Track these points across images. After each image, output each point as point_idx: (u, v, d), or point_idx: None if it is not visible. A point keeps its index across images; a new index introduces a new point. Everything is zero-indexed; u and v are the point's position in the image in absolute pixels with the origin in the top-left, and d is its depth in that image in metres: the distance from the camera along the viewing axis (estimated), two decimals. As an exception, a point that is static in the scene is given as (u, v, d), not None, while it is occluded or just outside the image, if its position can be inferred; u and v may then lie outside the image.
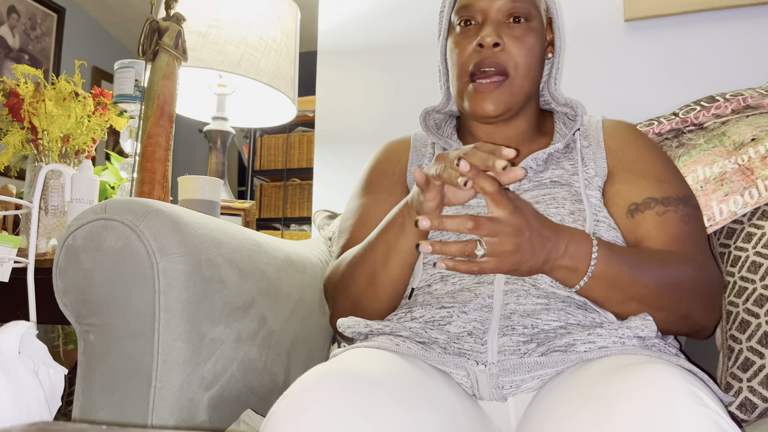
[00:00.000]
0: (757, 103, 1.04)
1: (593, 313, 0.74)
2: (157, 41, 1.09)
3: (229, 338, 0.80)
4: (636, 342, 0.70)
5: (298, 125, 3.35)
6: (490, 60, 0.82)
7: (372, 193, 0.93)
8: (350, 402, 0.53)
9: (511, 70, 0.83)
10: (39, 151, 1.28)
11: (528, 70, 0.84)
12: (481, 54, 0.82)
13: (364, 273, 0.81)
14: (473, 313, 0.74)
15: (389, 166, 0.95)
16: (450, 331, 0.73)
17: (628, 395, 0.51)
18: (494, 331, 0.71)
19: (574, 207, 0.80)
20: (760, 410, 0.75)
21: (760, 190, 0.89)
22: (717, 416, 0.48)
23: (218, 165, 1.52)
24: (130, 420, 0.71)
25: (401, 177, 0.94)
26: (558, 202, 0.80)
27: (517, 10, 0.83)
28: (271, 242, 0.97)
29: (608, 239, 0.79)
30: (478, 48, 0.83)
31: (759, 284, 0.82)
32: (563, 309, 0.73)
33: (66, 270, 0.74)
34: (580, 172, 0.84)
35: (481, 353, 0.71)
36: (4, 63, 3.14)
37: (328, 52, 1.69)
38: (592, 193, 0.83)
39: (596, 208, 0.82)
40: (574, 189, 0.83)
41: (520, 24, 0.84)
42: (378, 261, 0.79)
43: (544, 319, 0.72)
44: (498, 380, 0.69)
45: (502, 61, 0.82)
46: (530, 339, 0.71)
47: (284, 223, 3.32)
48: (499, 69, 0.82)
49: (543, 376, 0.69)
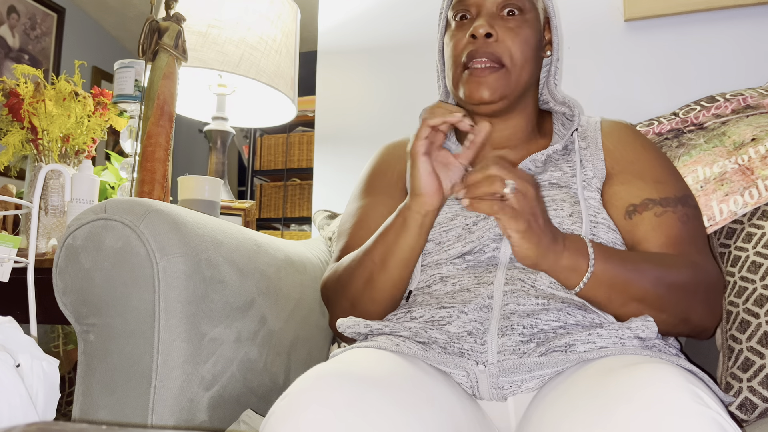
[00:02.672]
0: (757, 103, 1.04)
1: (592, 313, 0.74)
2: (157, 41, 1.09)
3: (229, 338, 0.80)
4: (636, 342, 0.70)
5: (298, 125, 3.35)
6: (483, 50, 0.82)
7: (371, 196, 0.93)
8: (349, 401, 0.52)
9: (507, 60, 0.83)
10: (39, 151, 1.28)
11: (524, 62, 0.84)
12: (474, 44, 0.82)
13: (362, 275, 0.80)
14: (473, 313, 0.73)
15: (388, 168, 0.95)
16: (450, 331, 0.73)
17: (629, 395, 0.50)
18: (494, 331, 0.71)
19: (573, 209, 0.80)
20: (761, 410, 0.75)
21: (760, 190, 0.89)
22: (717, 416, 0.48)
23: (218, 165, 1.52)
24: (130, 420, 0.71)
25: (400, 179, 0.93)
26: (557, 203, 0.80)
27: (511, 3, 0.84)
28: (271, 242, 0.97)
29: (607, 241, 0.79)
30: (471, 39, 0.83)
31: (759, 284, 0.82)
32: (563, 309, 0.73)
33: (66, 270, 0.74)
34: (579, 173, 0.84)
35: (481, 353, 0.70)
36: (4, 63, 3.14)
37: (328, 52, 1.69)
38: (590, 194, 0.83)
39: (595, 209, 0.82)
40: (573, 191, 0.82)
41: (515, 16, 0.84)
42: (376, 263, 0.79)
43: (544, 319, 0.72)
44: (498, 380, 0.69)
45: (496, 51, 0.82)
46: (530, 339, 0.71)
47: (284, 223, 3.32)
48: (492, 58, 0.82)
49: (543, 376, 0.69)
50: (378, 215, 0.89)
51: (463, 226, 0.82)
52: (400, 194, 0.92)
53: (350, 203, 0.96)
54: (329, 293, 0.89)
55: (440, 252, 0.82)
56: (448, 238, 0.82)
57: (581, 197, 0.81)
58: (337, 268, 0.87)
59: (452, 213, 0.84)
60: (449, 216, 0.84)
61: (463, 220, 0.82)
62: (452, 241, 0.81)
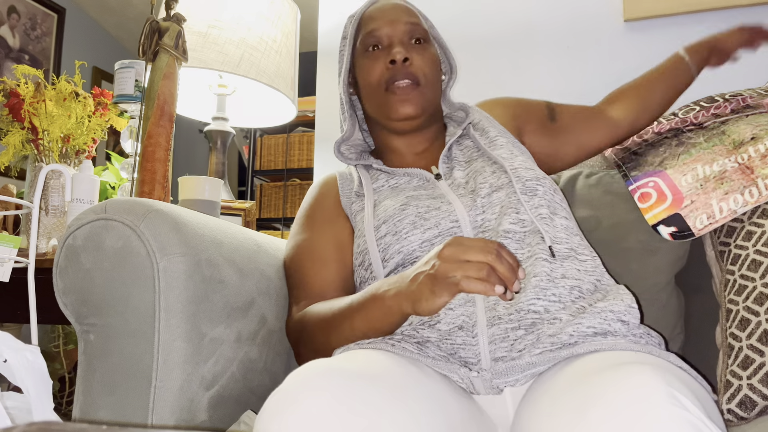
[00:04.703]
0: (757, 102, 1.04)
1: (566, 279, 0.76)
2: (158, 41, 1.09)
3: (230, 338, 0.80)
4: (620, 327, 0.72)
5: (298, 125, 3.35)
6: (403, 72, 0.91)
7: (314, 226, 0.95)
8: (342, 395, 0.53)
9: (422, 80, 0.93)
10: (39, 151, 1.28)
11: (434, 81, 0.96)
12: (393, 69, 0.92)
13: (340, 339, 0.79)
14: (459, 308, 0.75)
15: (324, 199, 0.98)
16: (441, 329, 0.74)
17: (606, 398, 0.51)
18: (482, 323, 0.73)
19: (494, 167, 0.89)
20: (760, 408, 0.75)
21: (761, 188, 0.89)
22: (695, 419, 0.48)
23: (218, 165, 1.52)
24: (130, 420, 0.71)
25: (336, 205, 0.97)
26: (485, 170, 0.89)
27: (416, 33, 0.95)
28: (271, 242, 0.97)
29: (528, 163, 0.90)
30: (389, 65, 0.92)
31: (759, 282, 0.82)
32: (537, 285, 0.75)
33: (66, 270, 0.74)
34: (482, 142, 0.94)
35: (473, 345, 0.72)
36: (5, 63, 3.14)
37: (328, 52, 1.69)
38: (501, 141, 0.94)
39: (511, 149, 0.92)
40: (486, 154, 0.92)
41: (421, 44, 0.96)
42: (357, 335, 0.78)
43: (524, 300, 0.74)
44: (492, 383, 0.71)
45: (414, 72, 0.92)
46: (518, 325, 0.73)
47: (284, 223, 3.32)
48: (412, 78, 0.92)
49: (536, 373, 0.70)
50: (324, 243, 0.92)
51: (416, 214, 0.84)
52: (339, 218, 0.95)
53: (293, 237, 0.96)
54: (298, 345, 0.87)
55: (399, 241, 0.83)
56: (403, 226, 0.84)
57: (490, 154, 0.91)
58: (303, 319, 0.85)
59: (403, 201, 0.87)
60: (399, 206, 0.86)
61: (415, 209, 0.85)
62: (408, 228, 0.83)
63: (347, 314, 0.78)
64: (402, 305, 0.72)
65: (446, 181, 0.90)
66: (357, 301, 0.78)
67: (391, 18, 0.95)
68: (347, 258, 0.92)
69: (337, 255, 0.91)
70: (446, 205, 0.85)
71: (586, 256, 0.82)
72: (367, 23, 0.96)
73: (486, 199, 0.84)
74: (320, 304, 0.85)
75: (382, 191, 0.92)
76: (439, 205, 0.85)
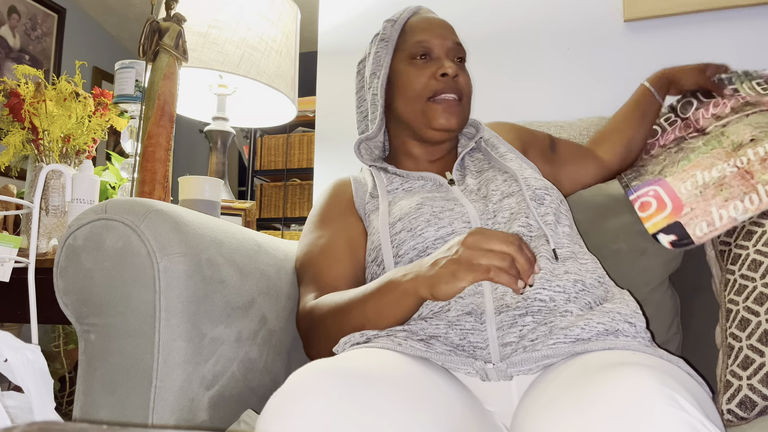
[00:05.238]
0: (756, 100, 1.04)
1: (569, 274, 0.79)
2: (158, 42, 1.09)
3: (230, 338, 0.81)
4: (627, 327, 0.73)
5: (298, 125, 3.35)
6: (452, 86, 0.95)
7: (327, 224, 0.97)
8: (344, 396, 0.53)
9: (465, 97, 0.98)
10: (40, 151, 1.28)
11: (470, 100, 1.01)
12: (443, 81, 0.95)
13: (351, 325, 0.79)
14: (468, 298, 0.77)
15: (337, 200, 1.01)
16: (449, 317, 0.76)
17: (604, 398, 0.52)
18: (491, 311, 0.75)
19: (506, 176, 0.93)
20: (760, 408, 0.75)
21: (761, 195, 0.89)
22: (693, 420, 0.49)
23: (218, 165, 1.52)
24: (130, 419, 0.71)
25: (349, 206, 1.00)
26: (496, 178, 0.93)
27: (460, 53, 1.01)
28: (271, 242, 0.97)
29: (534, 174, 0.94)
30: (439, 77, 0.95)
31: (759, 282, 0.82)
32: (542, 277, 0.78)
33: (67, 270, 0.74)
34: (493, 155, 0.99)
35: (482, 331, 0.74)
36: (5, 63, 3.14)
37: (328, 53, 1.69)
38: (511, 156, 0.99)
39: (520, 162, 0.97)
40: (497, 165, 0.97)
41: (462, 63, 1.02)
42: (370, 319, 0.78)
43: (530, 290, 0.76)
44: (507, 371, 0.72)
45: (460, 88, 0.97)
46: (525, 312, 0.74)
47: (284, 223, 3.32)
48: (458, 94, 0.96)
49: (548, 364, 0.71)
50: (338, 240, 0.95)
51: (431, 213, 0.87)
52: (352, 217, 0.98)
53: (306, 235, 0.98)
54: (309, 333, 0.87)
55: (414, 237, 0.85)
56: (418, 223, 0.86)
57: (504, 166, 0.95)
58: (315, 307, 0.86)
59: (419, 201, 0.89)
60: (415, 205, 0.88)
61: (430, 209, 0.87)
62: (423, 225, 0.85)
63: (361, 300, 0.79)
64: (419, 288, 0.73)
65: (459, 187, 0.94)
66: (372, 287, 0.79)
67: (442, 33, 0.99)
68: (359, 256, 0.94)
69: (350, 252, 0.94)
70: (459, 207, 0.88)
71: (586, 259, 0.85)
72: (414, 32, 0.99)
73: (497, 205, 0.88)
74: (333, 294, 0.86)
75: (396, 193, 0.96)
76: (452, 207, 0.88)
